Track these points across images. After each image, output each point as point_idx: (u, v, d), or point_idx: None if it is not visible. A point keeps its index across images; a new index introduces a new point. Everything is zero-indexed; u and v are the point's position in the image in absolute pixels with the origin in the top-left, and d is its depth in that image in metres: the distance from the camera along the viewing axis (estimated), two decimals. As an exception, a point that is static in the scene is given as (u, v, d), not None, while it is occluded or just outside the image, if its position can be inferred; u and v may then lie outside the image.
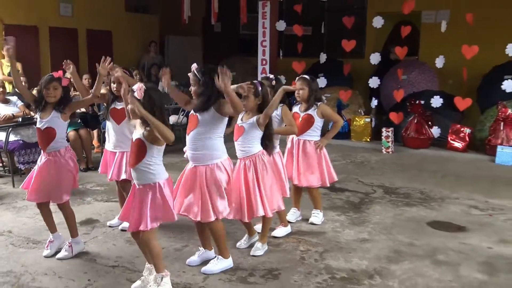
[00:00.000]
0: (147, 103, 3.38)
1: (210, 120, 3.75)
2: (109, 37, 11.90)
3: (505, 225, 5.11)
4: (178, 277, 3.86)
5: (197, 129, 3.78)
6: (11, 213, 5.41)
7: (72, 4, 10.94)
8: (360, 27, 10.98)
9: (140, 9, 13.20)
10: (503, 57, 8.53)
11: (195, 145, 3.81)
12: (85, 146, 7.44)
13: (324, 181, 4.97)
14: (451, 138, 8.65)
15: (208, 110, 3.74)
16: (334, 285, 3.78)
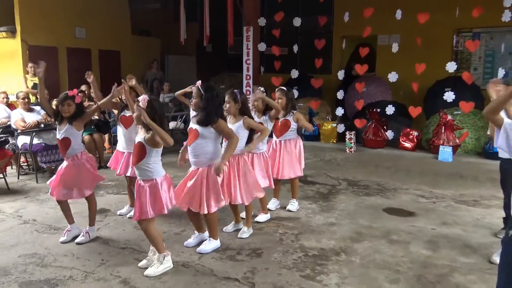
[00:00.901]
0: (150, 111, 3.39)
1: (208, 135, 3.76)
2: (117, 56, 11.79)
3: (446, 211, 5.17)
4: (177, 256, 3.85)
5: (197, 141, 3.77)
6: (35, 205, 5.34)
7: (86, 28, 10.84)
8: (328, 48, 11.04)
9: (144, 33, 13.11)
10: (444, 73, 8.65)
11: (196, 153, 3.81)
12: (98, 148, 7.38)
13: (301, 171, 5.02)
14: (402, 140, 8.69)
15: (208, 127, 3.75)
16: (307, 261, 3.80)
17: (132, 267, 3.66)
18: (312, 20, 9.48)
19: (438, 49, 9.58)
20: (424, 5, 8.43)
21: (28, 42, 9.46)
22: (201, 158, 3.79)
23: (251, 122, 4.17)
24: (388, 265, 3.73)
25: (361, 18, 8.38)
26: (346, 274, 3.56)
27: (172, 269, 3.60)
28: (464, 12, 7.92)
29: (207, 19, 9.96)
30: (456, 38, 10.24)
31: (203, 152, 3.77)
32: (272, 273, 3.57)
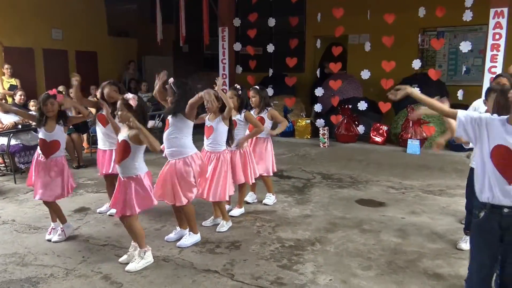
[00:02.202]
0: (139, 110, 3.37)
1: (179, 125, 3.77)
2: (94, 57, 11.58)
3: (414, 200, 5.30)
4: (158, 251, 3.83)
5: (168, 130, 3.80)
6: (14, 205, 5.21)
7: (62, 29, 10.61)
8: (301, 47, 11.11)
9: (121, 34, 12.92)
10: (411, 70, 8.84)
11: (169, 143, 3.81)
12: (77, 148, 7.25)
13: (273, 169, 5.05)
14: (373, 134, 8.83)
15: (177, 115, 3.76)
16: (284, 251, 3.84)
17: (113, 263, 3.62)
18: (285, 20, 9.53)
19: (405, 47, 9.75)
20: (391, 6, 8.58)
21: (4, 44, 9.19)
22: (172, 150, 3.80)
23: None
24: (361, 253, 3.81)
25: (333, 18, 8.48)
26: (321, 263, 3.62)
27: (152, 264, 3.58)
28: (429, 12, 8.10)
29: (182, 20, 9.88)
30: (421, 37, 10.46)
31: (174, 144, 3.79)
32: (251, 264, 3.59)
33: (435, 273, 3.45)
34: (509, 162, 2.28)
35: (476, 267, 2.45)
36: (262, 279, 3.35)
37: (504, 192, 2.29)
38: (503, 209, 2.30)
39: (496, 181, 2.31)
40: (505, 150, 2.29)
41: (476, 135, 2.37)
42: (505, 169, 2.29)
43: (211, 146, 4.17)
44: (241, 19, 9.77)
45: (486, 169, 2.34)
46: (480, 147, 2.37)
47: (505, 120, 2.32)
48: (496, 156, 2.31)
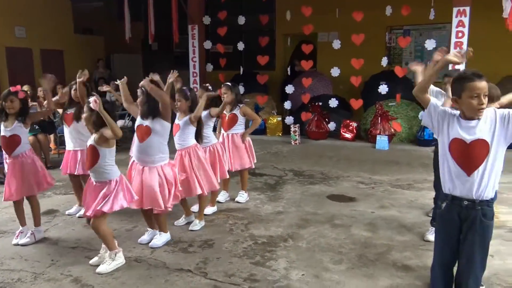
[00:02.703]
0: None
1: (159, 129, 3.71)
2: (60, 56, 11.30)
3: (383, 195, 5.42)
4: (130, 252, 3.79)
5: (150, 138, 3.70)
6: (-22, 209, 5.04)
7: (26, 27, 10.29)
8: (271, 45, 11.16)
9: (87, 31, 12.64)
10: (379, 68, 9.02)
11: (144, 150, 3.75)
12: (44, 149, 7.06)
13: (251, 163, 5.07)
14: (343, 131, 8.96)
15: (155, 118, 3.70)
16: (257, 248, 3.87)
17: (84, 266, 3.56)
18: (255, 18, 9.55)
19: (373, 45, 9.94)
20: (359, 4, 8.71)
21: (-36, 42, 8.87)
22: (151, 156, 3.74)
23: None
24: (332, 247, 3.87)
25: (302, 16, 8.54)
26: (294, 258, 3.66)
27: (124, 265, 3.54)
28: (395, 11, 8.28)
29: (151, 17, 9.76)
30: (388, 35, 10.69)
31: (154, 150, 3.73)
32: (224, 262, 3.60)
33: (404, 264, 3.55)
34: (466, 155, 2.38)
35: (438, 256, 2.55)
36: (235, 276, 3.36)
37: (463, 184, 2.39)
38: (463, 201, 2.40)
39: (456, 173, 2.41)
40: (460, 144, 2.38)
41: (440, 126, 2.46)
42: (463, 162, 2.39)
43: (179, 143, 4.17)
44: (211, 17, 9.72)
45: (448, 162, 2.44)
46: (442, 140, 2.47)
47: (458, 115, 2.42)
48: (454, 149, 2.41)
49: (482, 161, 2.35)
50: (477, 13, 7.83)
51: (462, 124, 2.40)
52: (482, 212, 2.38)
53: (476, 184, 2.36)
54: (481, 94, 2.31)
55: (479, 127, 2.36)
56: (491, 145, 2.35)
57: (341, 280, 3.29)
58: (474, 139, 2.36)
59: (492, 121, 2.36)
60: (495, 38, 8.51)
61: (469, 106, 2.35)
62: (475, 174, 2.36)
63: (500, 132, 2.34)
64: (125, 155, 4.21)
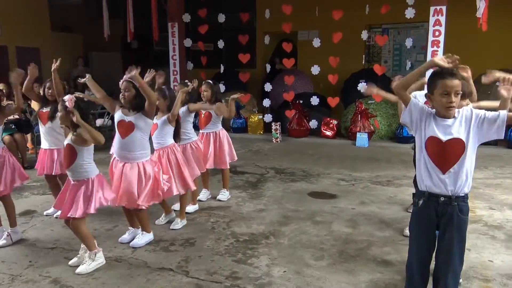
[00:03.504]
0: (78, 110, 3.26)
1: (143, 125, 3.67)
2: (37, 53, 11.05)
3: (363, 191, 5.48)
4: (110, 252, 3.74)
5: (133, 133, 3.66)
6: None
7: (1, 23, 10.04)
8: (252, 43, 11.16)
9: (65, 29, 12.40)
10: (359, 66, 9.12)
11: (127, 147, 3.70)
12: (20, 148, 6.91)
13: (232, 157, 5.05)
14: (323, 128, 9.03)
15: (139, 114, 3.66)
16: (239, 246, 3.87)
17: (63, 266, 3.50)
18: (236, 16, 9.54)
19: (352, 43, 10.03)
20: (338, 2, 8.79)
21: None
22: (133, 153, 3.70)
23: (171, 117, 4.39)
24: (313, 244, 3.90)
25: (282, 15, 8.58)
26: (275, 255, 3.67)
27: (104, 265, 3.50)
28: (374, 9, 8.38)
29: (130, 15, 9.65)
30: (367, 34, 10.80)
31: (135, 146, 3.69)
32: (205, 260, 3.59)
33: (384, 260, 3.60)
34: (441, 154, 2.42)
35: (415, 253, 2.59)
36: (217, 274, 3.36)
37: (439, 181, 2.43)
38: (440, 198, 2.44)
39: (432, 170, 2.45)
40: (436, 142, 2.43)
41: (418, 124, 2.49)
42: (438, 160, 2.43)
43: (158, 142, 4.14)
44: (191, 15, 9.67)
45: (424, 159, 2.48)
46: (419, 137, 2.51)
47: (434, 113, 2.47)
48: (430, 148, 2.45)
49: (457, 160, 2.39)
50: (454, 12, 7.98)
51: (438, 122, 2.43)
52: (459, 208, 2.42)
53: (452, 181, 2.40)
54: (451, 92, 2.34)
55: (455, 126, 2.40)
56: (467, 144, 2.38)
57: (322, 276, 3.32)
58: (450, 138, 2.39)
59: (468, 121, 2.40)
60: (470, 37, 8.70)
61: (439, 103, 2.39)
62: (450, 171, 2.40)
63: (475, 132, 2.38)
64: (106, 154, 4.15)
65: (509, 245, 3.85)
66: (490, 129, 2.36)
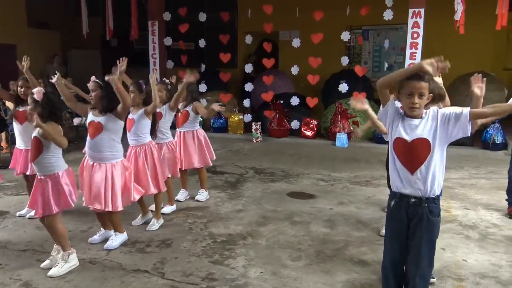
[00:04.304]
0: (46, 104, 3.19)
1: (112, 126, 3.61)
2: (13, 50, 10.79)
3: (342, 191, 5.51)
4: (84, 253, 3.67)
5: (101, 135, 3.59)
6: None
7: (-25, 19, 9.80)
8: (233, 43, 11.12)
9: (42, 26, 12.15)
10: (339, 67, 9.17)
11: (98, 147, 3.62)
12: (-6, 148, 6.75)
13: (207, 162, 5.01)
14: (304, 129, 9.03)
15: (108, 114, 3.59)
16: (216, 247, 3.84)
17: (35, 269, 3.42)
18: (217, 15, 9.49)
19: (333, 44, 10.08)
20: (319, 3, 8.82)
21: None
22: (103, 154, 3.63)
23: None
24: (291, 244, 3.90)
25: (264, 15, 8.57)
26: (253, 256, 3.66)
27: (78, 267, 3.43)
28: (354, 11, 8.44)
29: (110, 12, 9.51)
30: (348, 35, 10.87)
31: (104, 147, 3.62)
32: (182, 262, 3.55)
33: (360, 259, 3.62)
34: (408, 154, 2.44)
35: (389, 253, 2.61)
36: (193, 275, 3.32)
37: (408, 182, 2.45)
38: (411, 199, 2.46)
39: (401, 171, 2.47)
40: (402, 143, 2.45)
41: (391, 123, 2.51)
42: (406, 161, 2.45)
43: (134, 139, 4.07)
44: (172, 14, 9.58)
45: (394, 160, 2.50)
46: (390, 137, 2.53)
47: (403, 114, 2.49)
48: (397, 148, 2.48)
49: (424, 160, 2.41)
50: (432, 14, 8.10)
51: (405, 122, 2.46)
52: (429, 209, 2.44)
53: (421, 182, 2.42)
54: (415, 93, 2.37)
55: (421, 127, 2.42)
56: (433, 144, 2.40)
57: (299, 276, 3.32)
58: (415, 138, 2.42)
59: (434, 120, 2.42)
60: (448, 39, 8.84)
61: (404, 103, 2.44)
62: (418, 172, 2.42)
63: (441, 131, 2.40)
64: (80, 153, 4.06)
65: (483, 244, 3.92)
66: (455, 126, 2.37)
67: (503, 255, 3.69)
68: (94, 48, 13.13)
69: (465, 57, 9.35)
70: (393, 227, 2.56)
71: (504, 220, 4.48)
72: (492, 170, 6.40)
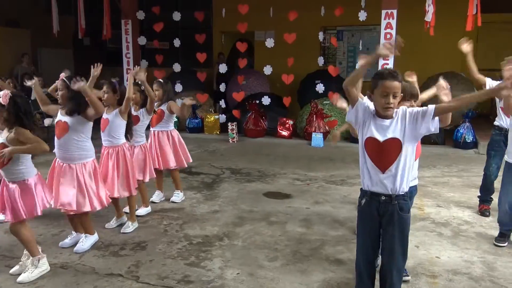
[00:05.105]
0: (12, 108, 3.07)
1: (79, 127, 3.52)
2: (-20, 49, 10.47)
3: (318, 191, 5.54)
4: (55, 258, 3.57)
5: (68, 135, 3.50)
6: None
7: None
8: (208, 42, 11.05)
9: (11, 23, 11.79)
10: (315, 67, 9.23)
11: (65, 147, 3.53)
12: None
13: (182, 164, 4.95)
14: (280, 129, 9.04)
15: (76, 115, 3.51)
16: (192, 249, 3.79)
17: (3, 275, 3.30)
18: (192, 15, 9.40)
19: (309, 44, 10.15)
20: (294, 4, 8.85)
21: None
22: (71, 154, 3.53)
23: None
24: (267, 244, 3.89)
25: (239, 14, 8.53)
26: (229, 257, 3.63)
27: (49, 272, 3.33)
28: (329, 11, 8.50)
29: (81, 11, 9.30)
30: (323, 35, 10.97)
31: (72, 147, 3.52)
32: (157, 264, 3.49)
33: (336, 258, 3.64)
34: (379, 154, 2.49)
35: (361, 251, 2.65)
36: (169, 278, 3.27)
37: (379, 180, 2.49)
38: (381, 197, 2.51)
39: (372, 170, 2.51)
40: (374, 142, 2.49)
41: (362, 123, 2.54)
42: (377, 160, 2.50)
43: (108, 140, 3.99)
44: (146, 12, 9.44)
45: (364, 159, 2.54)
46: (361, 137, 2.56)
47: (374, 113, 2.52)
48: (369, 148, 2.52)
49: (395, 159, 2.46)
50: (404, 16, 8.23)
51: (377, 122, 2.50)
52: (399, 206, 2.50)
53: (391, 180, 2.47)
54: (390, 93, 2.41)
55: (392, 127, 2.47)
56: (403, 143, 2.45)
57: (275, 277, 3.31)
58: (387, 138, 2.46)
59: (403, 120, 2.47)
60: (420, 40, 9.00)
61: (378, 103, 2.46)
62: (388, 171, 2.47)
63: (409, 129, 2.45)
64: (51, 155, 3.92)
65: (455, 241, 4.00)
66: (422, 124, 2.43)
67: (475, 252, 3.78)
68: (66, 47, 12.84)
69: (437, 57, 9.59)
70: (365, 225, 2.60)
71: (475, 217, 4.59)
72: (463, 168, 6.56)
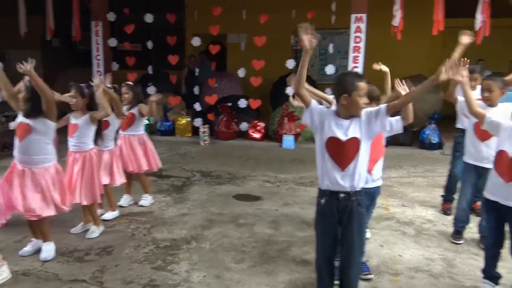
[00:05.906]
0: None
1: (42, 129, 3.46)
2: None
3: (287, 193, 5.58)
4: (17, 265, 3.49)
5: (30, 137, 3.43)
6: None
7: None
8: (181, 45, 10.99)
9: (-25, 24, 11.44)
10: (286, 70, 9.29)
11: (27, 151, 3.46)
12: None
13: (152, 167, 4.92)
14: (251, 131, 9.02)
15: (38, 116, 3.44)
16: (159, 252, 3.77)
17: (-39, 284, 3.21)
18: (164, 16, 9.34)
19: (280, 47, 10.22)
20: (266, 7, 8.90)
21: None
22: (32, 157, 3.46)
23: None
24: (235, 247, 3.90)
25: (211, 17, 8.52)
26: (196, 260, 3.62)
27: (10, 280, 3.26)
28: (301, 14, 8.58)
29: (50, 11, 9.11)
30: (294, 38, 11.05)
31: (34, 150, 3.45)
32: (123, 269, 3.46)
33: (303, 259, 3.68)
34: (340, 152, 2.58)
35: (321, 249, 2.72)
36: (134, 283, 3.24)
37: (339, 178, 2.58)
38: (340, 194, 2.59)
39: (332, 169, 2.59)
40: (336, 142, 2.57)
41: (319, 125, 2.62)
42: (338, 158, 2.59)
43: (76, 145, 3.92)
44: (117, 14, 9.32)
45: (324, 159, 2.60)
46: (320, 138, 2.63)
47: (334, 114, 2.60)
48: (330, 147, 2.59)
49: (354, 157, 2.58)
50: (373, 20, 8.39)
51: (338, 122, 2.58)
52: (357, 202, 2.62)
53: (350, 177, 2.58)
54: (365, 94, 2.56)
55: (352, 126, 2.58)
56: (361, 142, 2.58)
57: (241, 279, 3.33)
58: (349, 137, 2.57)
59: (361, 119, 2.59)
60: (388, 43, 9.20)
61: (356, 104, 2.54)
62: (348, 168, 2.58)
63: (365, 128, 2.58)
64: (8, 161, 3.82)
65: (418, 240, 4.11)
66: (376, 123, 2.56)
67: (435, 249, 3.89)
68: (35, 48, 12.53)
69: (404, 60, 9.80)
70: (325, 224, 2.67)
71: (438, 216, 4.73)
72: (428, 169, 6.73)
